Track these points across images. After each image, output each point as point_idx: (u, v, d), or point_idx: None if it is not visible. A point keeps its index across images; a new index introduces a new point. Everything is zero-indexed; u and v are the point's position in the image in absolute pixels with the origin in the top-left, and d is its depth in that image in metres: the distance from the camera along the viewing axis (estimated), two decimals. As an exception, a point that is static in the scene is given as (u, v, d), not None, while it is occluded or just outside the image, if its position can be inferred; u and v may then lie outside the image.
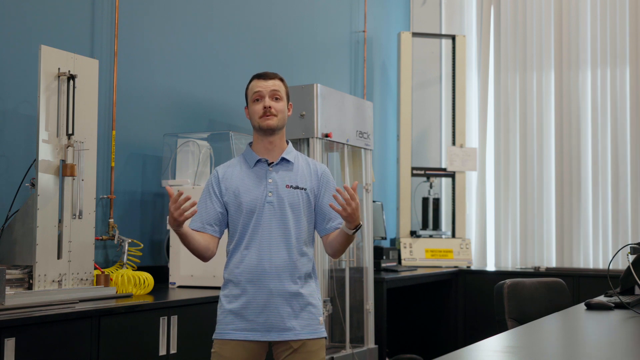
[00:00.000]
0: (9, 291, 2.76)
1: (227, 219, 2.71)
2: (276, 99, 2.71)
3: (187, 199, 2.49)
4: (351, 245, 4.70)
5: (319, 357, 2.67)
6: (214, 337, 2.68)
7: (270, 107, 2.68)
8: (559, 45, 6.59)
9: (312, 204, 2.72)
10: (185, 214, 2.49)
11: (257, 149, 2.75)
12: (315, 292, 2.73)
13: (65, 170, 3.07)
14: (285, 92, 2.76)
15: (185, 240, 2.59)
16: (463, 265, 6.26)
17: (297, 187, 2.69)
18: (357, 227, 2.60)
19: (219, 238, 2.71)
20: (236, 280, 2.65)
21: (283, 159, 2.73)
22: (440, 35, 7.00)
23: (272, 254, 2.63)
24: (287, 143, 2.78)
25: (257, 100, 2.70)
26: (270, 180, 2.68)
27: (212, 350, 2.67)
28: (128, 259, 3.67)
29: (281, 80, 2.76)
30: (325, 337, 2.73)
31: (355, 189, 2.56)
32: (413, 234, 6.36)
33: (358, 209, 2.56)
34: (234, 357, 2.62)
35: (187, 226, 2.59)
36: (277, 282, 2.62)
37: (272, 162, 2.71)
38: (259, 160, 2.72)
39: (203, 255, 2.67)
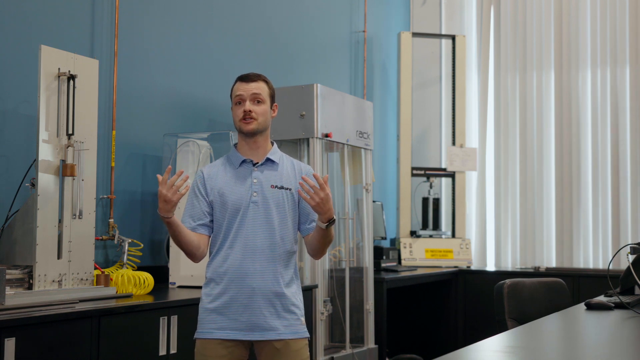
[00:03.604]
0: (9, 291, 2.76)
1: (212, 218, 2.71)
2: (257, 102, 2.70)
3: (179, 173, 2.50)
4: (351, 245, 4.72)
5: (302, 357, 2.67)
6: (195, 336, 2.68)
7: (250, 111, 2.68)
8: (559, 45, 6.59)
9: (297, 204, 2.72)
10: (180, 190, 2.49)
11: (241, 150, 2.75)
12: (298, 293, 2.73)
13: (65, 170, 3.07)
14: (269, 93, 2.74)
15: (176, 232, 2.58)
16: (463, 265, 6.26)
17: (282, 187, 2.70)
18: (331, 221, 2.59)
19: (209, 237, 2.71)
20: (219, 278, 2.65)
21: (268, 160, 2.73)
22: (440, 35, 7.01)
23: (256, 254, 2.63)
24: (272, 144, 2.78)
25: (239, 103, 2.71)
26: (255, 180, 2.68)
27: (195, 349, 2.67)
28: (128, 259, 3.67)
29: (265, 81, 2.75)
30: (308, 338, 2.73)
31: (326, 181, 2.56)
32: (413, 234, 6.36)
33: (329, 200, 2.55)
34: (216, 355, 2.61)
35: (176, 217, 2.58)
36: (260, 281, 2.62)
37: (257, 163, 2.72)
38: (243, 161, 2.72)
39: (194, 253, 2.66)
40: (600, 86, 6.42)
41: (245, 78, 2.73)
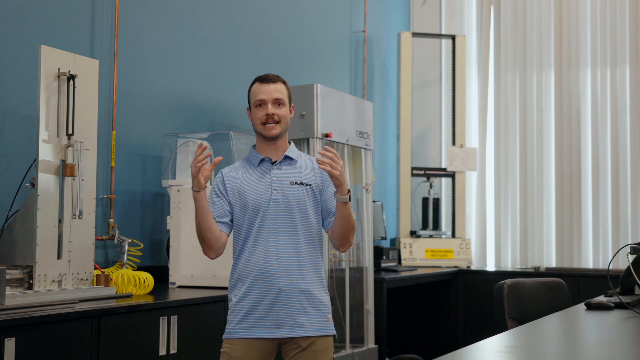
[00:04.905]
0: (9, 291, 2.76)
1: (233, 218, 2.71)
2: (279, 104, 2.71)
3: (200, 146, 2.55)
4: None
5: (326, 357, 2.66)
6: (223, 336, 2.67)
7: (273, 114, 2.68)
8: (559, 45, 6.59)
9: (318, 199, 2.72)
10: (204, 171, 2.54)
11: (260, 151, 2.76)
12: (323, 290, 2.71)
13: (65, 170, 3.07)
14: (288, 95, 2.76)
15: (200, 209, 2.58)
16: (463, 265, 6.26)
17: (301, 183, 2.69)
18: (348, 193, 2.60)
19: (227, 236, 2.69)
20: (244, 278, 2.65)
21: (286, 157, 2.73)
22: (440, 35, 7.01)
23: (279, 251, 2.63)
24: (290, 143, 2.79)
25: (260, 105, 2.71)
26: (274, 178, 2.68)
27: (222, 350, 2.65)
28: (128, 259, 3.67)
29: (283, 82, 2.76)
30: (335, 336, 2.72)
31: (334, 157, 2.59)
32: (413, 234, 6.36)
33: (343, 171, 2.58)
34: (243, 356, 2.60)
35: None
36: (285, 279, 2.62)
37: (276, 161, 2.72)
38: (262, 160, 2.73)
39: (213, 245, 2.63)
40: (600, 86, 6.42)
41: (265, 79, 2.73)
